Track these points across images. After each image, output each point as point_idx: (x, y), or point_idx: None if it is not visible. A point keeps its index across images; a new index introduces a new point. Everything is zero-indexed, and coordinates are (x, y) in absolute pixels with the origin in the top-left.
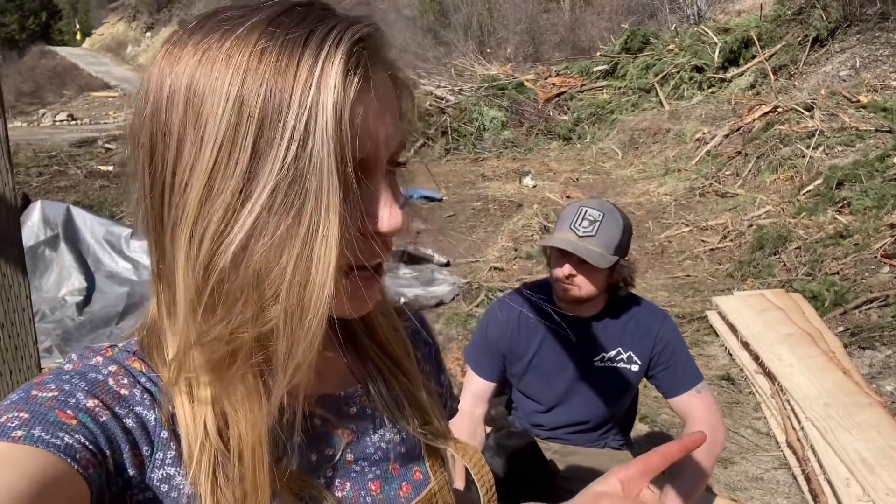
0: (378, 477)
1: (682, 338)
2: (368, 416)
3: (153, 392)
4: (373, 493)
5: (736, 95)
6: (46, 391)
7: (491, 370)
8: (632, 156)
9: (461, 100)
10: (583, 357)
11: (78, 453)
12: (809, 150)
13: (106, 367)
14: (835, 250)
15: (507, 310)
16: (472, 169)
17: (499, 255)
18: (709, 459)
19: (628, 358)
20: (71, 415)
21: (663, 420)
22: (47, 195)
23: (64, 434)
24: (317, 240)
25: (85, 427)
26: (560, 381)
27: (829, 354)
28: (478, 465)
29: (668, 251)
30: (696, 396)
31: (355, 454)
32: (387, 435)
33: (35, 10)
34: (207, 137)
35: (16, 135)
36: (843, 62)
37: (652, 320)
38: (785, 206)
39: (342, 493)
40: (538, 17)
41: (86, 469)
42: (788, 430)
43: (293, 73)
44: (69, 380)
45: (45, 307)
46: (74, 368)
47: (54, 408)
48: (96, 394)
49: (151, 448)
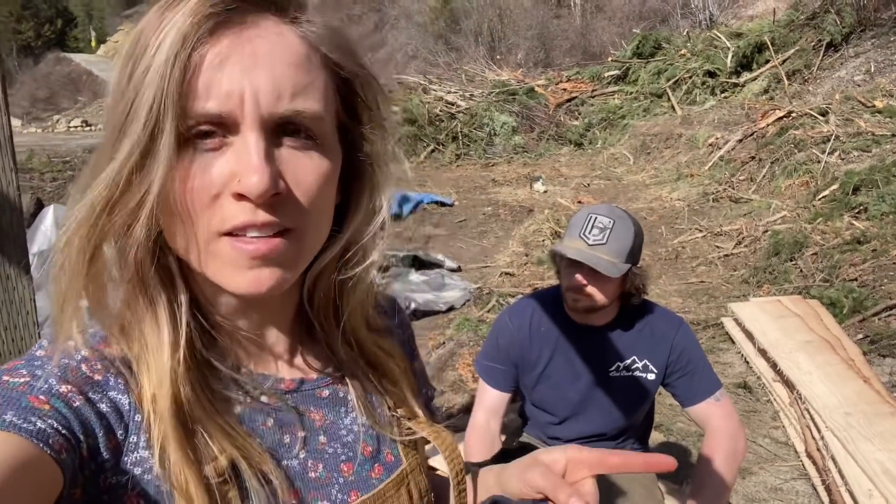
0: (350, 459)
1: (698, 344)
2: (341, 399)
3: (126, 376)
4: (345, 474)
5: (749, 100)
6: (18, 377)
7: (504, 380)
8: (644, 161)
9: (472, 105)
10: (597, 367)
11: (51, 438)
12: (825, 155)
13: (78, 351)
14: (852, 256)
15: (518, 318)
16: (483, 174)
17: (510, 260)
18: (731, 469)
19: (644, 366)
20: (44, 400)
21: (679, 429)
22: (61, 200)
23: (36, 419)
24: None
25: (57, 412)
26: (574, 392)
27: (849, 362)
28: (449, 449)
29: (681, 257)
30: (715, 404)
31: (328, 436)
32: (359, 418)
33: (51, 18)
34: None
35: (30, 140)
36: (857, 67)
37: (667, 327)
38: (800, 212)
39: (315, 473)
40: (549, 23)
41: (59, 453)
42: (808, 440)
43: (163, 17)
44: (41, 365)
45: None
46: (46, 354)
47: (26, 393)
48: (69, 379)
49: (126, 432)
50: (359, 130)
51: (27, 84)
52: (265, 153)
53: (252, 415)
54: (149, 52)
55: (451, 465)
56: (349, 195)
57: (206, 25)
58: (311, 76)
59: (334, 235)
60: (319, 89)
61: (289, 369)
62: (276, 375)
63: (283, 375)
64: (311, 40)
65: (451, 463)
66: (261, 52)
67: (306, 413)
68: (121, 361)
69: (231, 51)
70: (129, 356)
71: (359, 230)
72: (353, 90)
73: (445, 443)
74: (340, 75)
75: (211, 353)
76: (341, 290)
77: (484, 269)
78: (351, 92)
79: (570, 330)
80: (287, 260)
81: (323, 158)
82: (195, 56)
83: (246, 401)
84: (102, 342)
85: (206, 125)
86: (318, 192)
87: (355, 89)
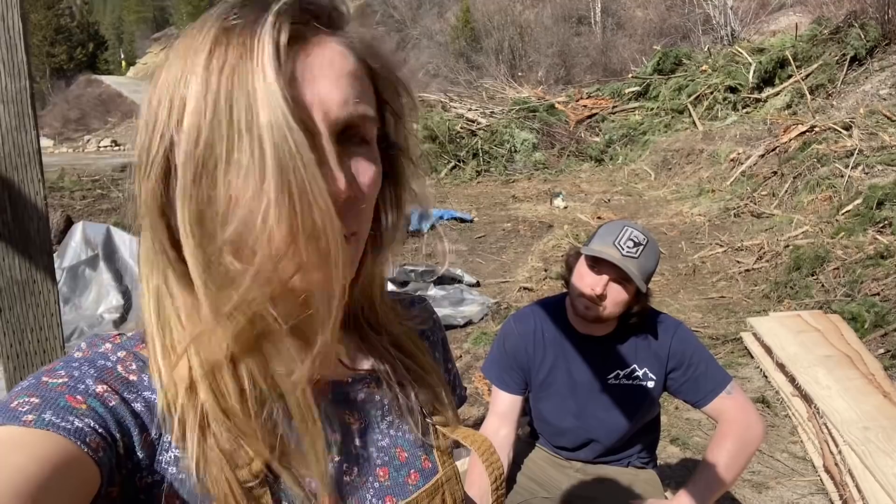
0: (386, 463)
1: (699, 345)
2: (377, 402)
3: None
4: (381, 479)
5: (771, 115)
6: (57, 378)
7: (515, 383)
8: (665, 177)
9: (492, 122)
10: (595, 376)
11: (88, 437)
12: (848, 170)
13: (115, 353)
14: (875, 271)
15: (524, 323)
16: (503, 190)
17: (528, 275)
18: (737, 461)
19: (644, 375)
20: (81, 400)
21: (696, 443)
22: (90, 217)
23: (74, 418)
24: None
25: (94, 411)
26: (573, 402)
27: (869, 377)
28: (487, 453)
29: (701, 272)
30: (728, 398)
31: (363, 440)
32: (395, 422)
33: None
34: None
35: (62, 160)
36: (882, 80)
37: (664, 334)
38: (823, 227)
39: (350, 477)
40: (569, 41)
41: (96, 452)
42: (826, 455)
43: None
44: (79, 367)
45: (84, 324)
46: (84, 356)
47: (64, 393)
48: (105, 379)
49: (160, 431)
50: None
51: (59, 105)
52: (338, 157)
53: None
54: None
55: (489, 468)
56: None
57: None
58: (364, 85)
59: None
60: (371, 96)
61: (323, 371)
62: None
63: (318, 377)
64: (357, 51)
65: (489, 467)
66: (325, 66)
67: (342, 415)
68: None
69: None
70: None
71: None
72: (383, 99)
73: (483, 447)
74: (377, 85)
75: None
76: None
77: (503, 285)
78: (382, 101)
79: (572, 339)
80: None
81: (376, 161)
82: None
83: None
84: (138, 343)
85: None
86: (374, 191)
87: (386, 98)
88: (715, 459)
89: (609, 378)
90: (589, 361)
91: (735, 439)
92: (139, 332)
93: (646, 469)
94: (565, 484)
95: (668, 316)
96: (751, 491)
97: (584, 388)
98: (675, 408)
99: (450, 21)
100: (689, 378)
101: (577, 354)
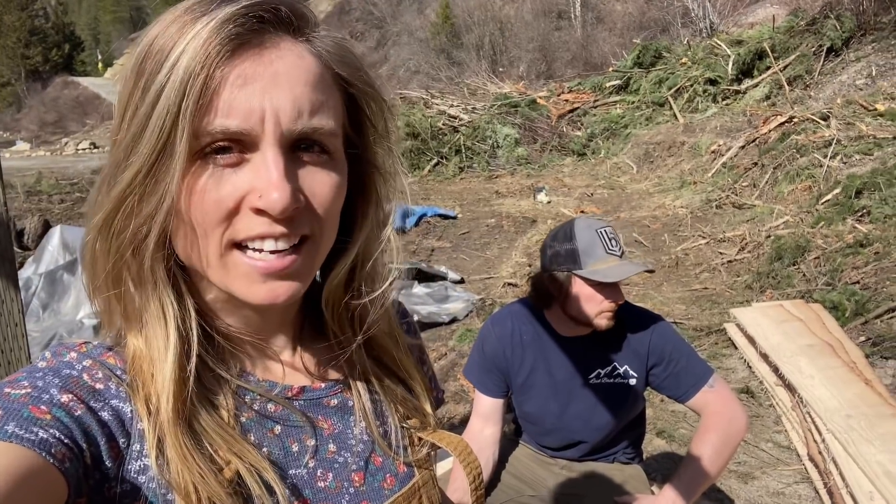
0: (361, 468)
1: (679, 339)
2: (350, 408)
3: (128, 384)
4: (356, 484)
5: (751, 107)
6: (20, 388)
7: (496, 386)
8: (647, 169)
9: (474, 118)
10: (577, 376)
11: (53, 447)
12: (827, 160)
13: (80, 362)
14: (855, 259)
15: (501, 326)
16: (487, 186)
17: (513, 270)
18: (721, 454)
19: (625, 372)
20: (45, 410)
21: (681, 435)
22: (68, 221)
23: (38, 429)
24: (152, 190)
25: (59, 421)
26: (555, 402)
27: (851, 365)
28: (464, 454)
29: (684, 264)
30: (710, 392)
31: (337, 445)
32: (369, 427)
33: (58, 43)
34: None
35: (39, 163)
36: (858, 71)
37: (643, 331)
38: (803, 217)
39: (324, 483)
40: (550, 35)
41: (62, 463)
42: (810, 444)
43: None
44: (42, 377)
45: (63, 330)
46: (48, 365)
47: (28, 404)
48: (70, 388)
49: (128, 440)
50: (363, 144)
51: (36, 108)
52: (285, 170)
53: (258, 423)
54: (166, 66)
55: (466, 468)
56: (354, 207)
57: (228, 46)
58: (326, 94)
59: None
60: (333, 107)
61: (296, 376)
62: (282, 383)
63: (290, 383)
64: (323, 59)
65: (466, 467)
66: (282, 73)
67: (315, 421)
68: (122, 370)
69: (254, 71)
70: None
71: (368, 242)
72: (358, 105)
73: (459, 447)
74: (347, 91)
75: (216, 360)
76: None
77: (487, 281)
78: (356, 107)
79: (551, 339)
80: (301, 272)
81: (335, 171)
82: (217, 74)
83: (252, 409)
84: (105, 352)
85: (224, 141)
86: (332, 203)
87: (360, 104)
88: (699, 453)
89: (590, 377)
90: (569, 361)
91: (719, 432)
92: (104, 341)
93: (631, 464)
94: (551, 482)
95: (647, 311)
96: (737, 481)
97: (565, 388)
98: (660, 401)
99: (430, 17)
100: (671, 373)
101: (557, 355)
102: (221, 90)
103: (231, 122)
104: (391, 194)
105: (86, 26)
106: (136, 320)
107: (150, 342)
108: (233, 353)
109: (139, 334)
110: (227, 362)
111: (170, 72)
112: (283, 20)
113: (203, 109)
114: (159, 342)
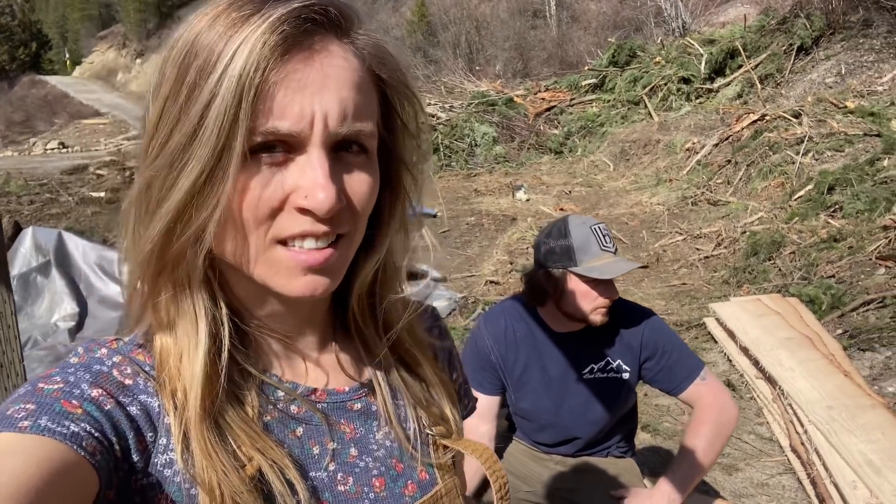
0: (382, 474)
1: (671, 333)
2: (373, 413)
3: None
4: (376, 489)
5: (724, 105)
6: (52, 384)
7: (490, 384)
8: (623, 167)
9: (452, 117)
10: (570, 371)
11: (84, 441)
12: (799, 157)
13: (110, 358)
14: (829, 254)
15: (494, 324)
16: (465, 185)
17: (494, 268)
18: (714, 445)
19: (618, 367)
20: (76, 404)
21: (665, 429)
22: (39, 222)
23: (70, 423)
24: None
25: (90, 416)
26: (548, 398)
27: (830, 357)
28: (489, 462)
29: (662, 260)
30: (702, 384)
31: (359, 449)
32: (392, 433)
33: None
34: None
35: (7, 164)
36: (828, 69)
37: (636, 325)
38: (777, 213)
39: (345, 487)
40: (526, 34)
41: (93, 455)
42: (792, 435)
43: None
44: (74, 372)
45: (38, 333)
46: (80, 361)
47: (59, 398)
48: (101, 384)
49: (155, 434)
50: (394, 141)
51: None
52: (330, 171)
53: (281, 423)
54: (219, 66)
55: (493, 477)
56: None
57: (282, 47)
58: (369, 97)
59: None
60: (373, 108)
61: (320, 378)
62: (306, 385)
63: (315, 385)
64: (366, 60)
65: (493, 476)
66: (330, 76)
67: (337, 425)
68: (151, 367)
69: (305, 74)
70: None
71: (395, 239)
72: (391, 104)
73: (485, 456)
74: (383, 90)
75: (244, 357)
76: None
77: (469, 279)
78: (389, 105)
79: (544, 335)
80: (337, 267)
81: (372, 170)
82: (272, 77)
83: (276, 409)
84: (135, 348)
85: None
86: (369, 202)
87: (394, 104)
88: (693, 445)
89: (584, 372)
90: (563, 357)
91: (712, 424)
92: (136, 336)
93: (625, 458)
94: (546, 477)
95: (639, 306)
96: (721, 473)
97: (559, 383)
98: (644, 394)
99: (405, 15)
100: (664, 367)
101: (551, 351)
102: (276, 92)
103: (283, 123)
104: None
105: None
106: (167, 316)
107: (181, 339)
108: (259, 351)
109: (170, 331)
110: (254, 362)
111: (223, 72)
112: (332, 21)
113: (256, 111)
114: (190, 339)
